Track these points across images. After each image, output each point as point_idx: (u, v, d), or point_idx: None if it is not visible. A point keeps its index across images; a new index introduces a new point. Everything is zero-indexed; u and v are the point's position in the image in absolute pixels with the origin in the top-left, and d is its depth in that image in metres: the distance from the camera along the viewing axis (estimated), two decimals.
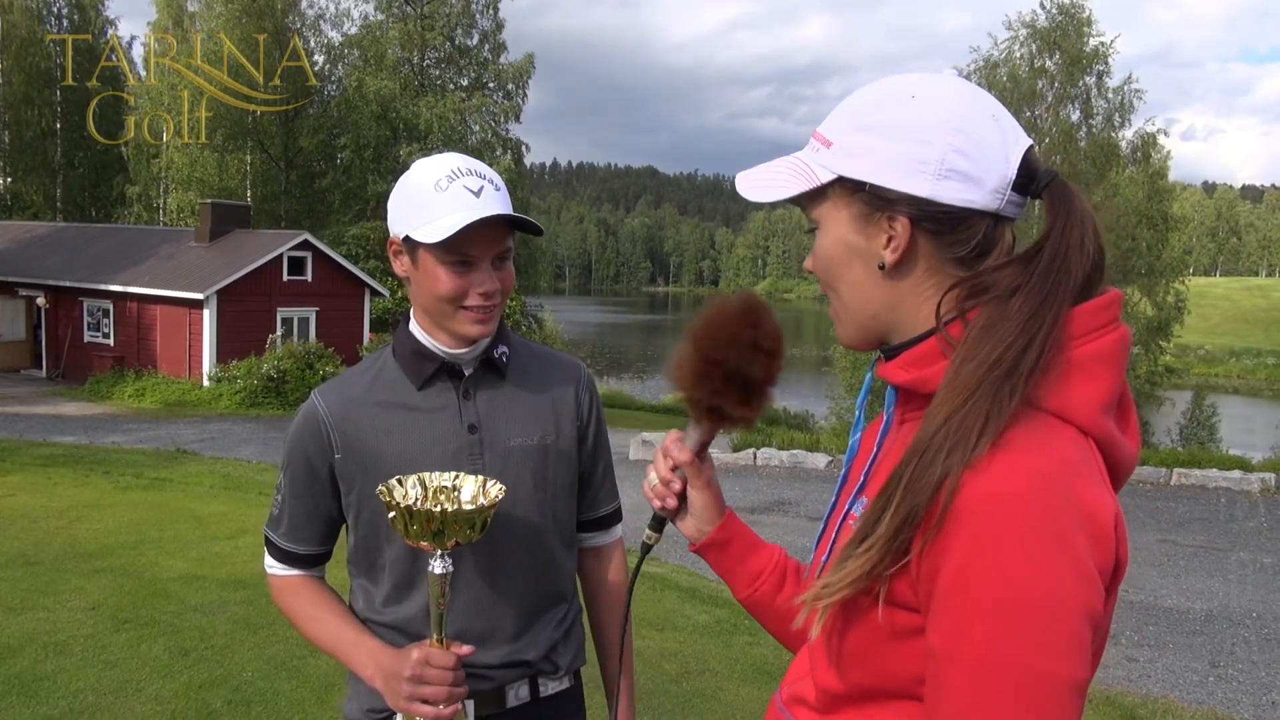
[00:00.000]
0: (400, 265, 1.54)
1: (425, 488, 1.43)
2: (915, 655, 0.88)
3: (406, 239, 1.49)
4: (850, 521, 1.00)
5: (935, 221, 0.94)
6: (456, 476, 1.46)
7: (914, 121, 0.93)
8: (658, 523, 1.24)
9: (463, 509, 1.38)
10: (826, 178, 0.98)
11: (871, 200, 0.95)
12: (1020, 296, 0.89)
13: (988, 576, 0.80)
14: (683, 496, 1.21)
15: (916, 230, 0.94)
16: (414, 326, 1.58)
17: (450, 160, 1.49)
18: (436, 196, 1.44)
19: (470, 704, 1.50)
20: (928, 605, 0.85)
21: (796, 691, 1.07)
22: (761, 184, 1.03)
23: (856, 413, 1.11)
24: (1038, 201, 0.98)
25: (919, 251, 0.95)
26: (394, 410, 1.54)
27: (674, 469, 1.20)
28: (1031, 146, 0.95)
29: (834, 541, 1.04)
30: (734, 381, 1.10)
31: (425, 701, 1.39)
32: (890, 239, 0.95)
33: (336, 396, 1.55)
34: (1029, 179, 0.94)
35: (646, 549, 1.25)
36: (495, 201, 1.46)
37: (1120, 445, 0.90)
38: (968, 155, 0.92)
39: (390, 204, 1.53)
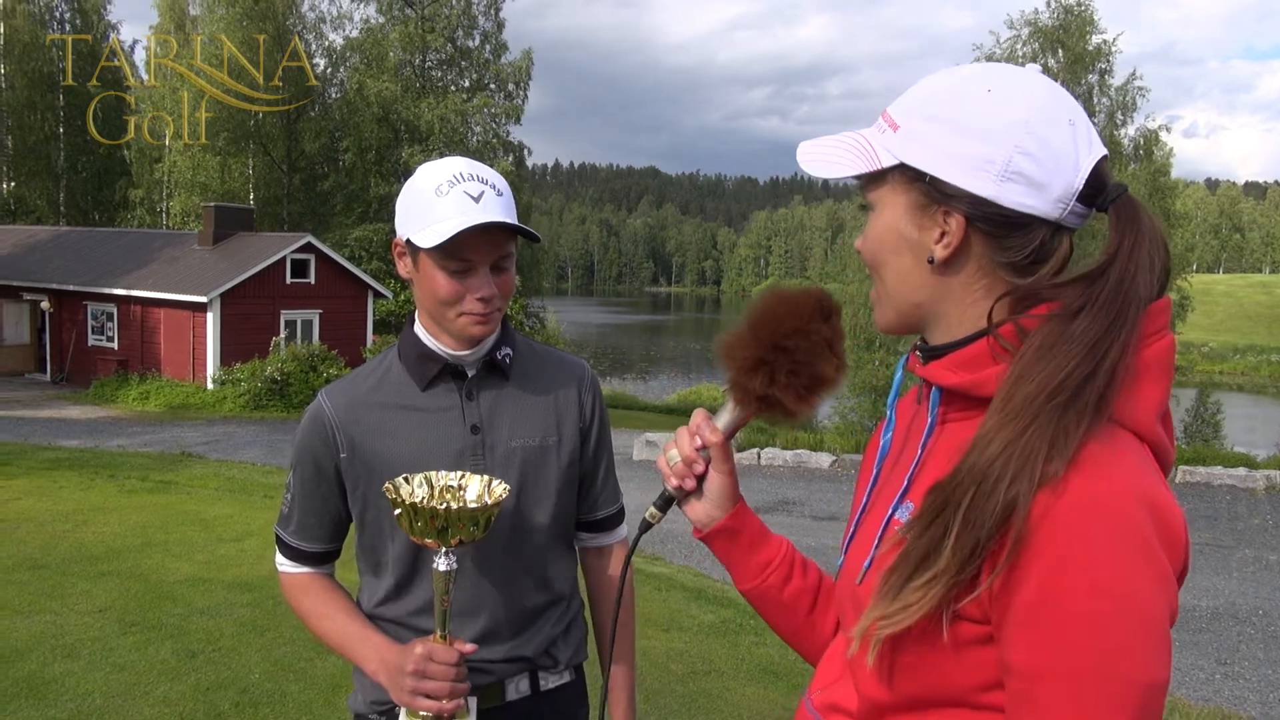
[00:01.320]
0: (404, 267, 1.57)
1: (432, 487, 1.45)
2: (977, 665, 0.86)
3: (409, 241, 1.50)
4: (896, 527, 0.95)
5: (992, 223, 0.90)
6: (462, 476, 1.47)
7: (985, 118, 0.90)
8: (665, 502, 1.19)
9: (467, 506, 1.39)
10: (888, 162, 0.95)
11: (930, 192, 0.92)
12: (1086, 319, 0.85)
13: (1080, 590, 0.79)
14: (699, 479, 1.16)
15: (971, 229, 0.91)
16: (418, 328, 1.59)
17: (453, 165, 1.50)
18: (437, 201, 1.46)
19: (473, 700, 1.52)
20: (1002, 619, 0.83)
21: (831, 698, 1.04)
22: (822, 159, 1.00)
23: (888, 413, 1.08)
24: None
25: (971, 251, 0.92)
26: (398, 411, 1.56)
27: (699, 449, 1.15)
28: (1105, 157, 0.91)
29: (876, 546, 0.99)
30: (798, 373, 1.05)
31: (428, 696, 1.41)
32: (943, 234, 0.92)
33: (343, 397, 1.58)
34: (1097, 191, 0.90)
35: (647, 526, 1.19)
36: (495, 207, 1.47)
37: (1168, 450, 0.89)
38: (1036, 159, 0.88)
39: (397, 206, 1.55)
